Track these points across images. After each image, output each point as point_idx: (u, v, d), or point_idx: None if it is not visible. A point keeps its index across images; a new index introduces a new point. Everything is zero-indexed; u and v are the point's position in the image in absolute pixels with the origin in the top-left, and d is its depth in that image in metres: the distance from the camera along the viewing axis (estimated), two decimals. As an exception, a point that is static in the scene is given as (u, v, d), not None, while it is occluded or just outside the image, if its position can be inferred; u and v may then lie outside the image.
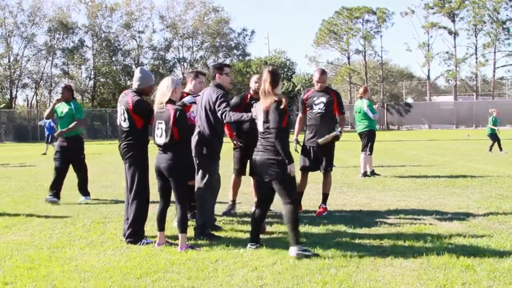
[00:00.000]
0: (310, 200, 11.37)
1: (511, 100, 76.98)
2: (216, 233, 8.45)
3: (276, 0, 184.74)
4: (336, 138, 9.85)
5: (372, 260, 6.80)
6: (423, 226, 8.72)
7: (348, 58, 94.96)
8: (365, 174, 15.84)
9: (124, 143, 8.12)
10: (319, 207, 10.14)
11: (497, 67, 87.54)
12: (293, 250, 7.04)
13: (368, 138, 16.29)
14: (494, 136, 25.81)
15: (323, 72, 10.29)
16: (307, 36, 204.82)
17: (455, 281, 5.96)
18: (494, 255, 6.96)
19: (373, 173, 16.08)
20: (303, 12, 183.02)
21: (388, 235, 8.23)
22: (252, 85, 10.11)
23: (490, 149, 25.45)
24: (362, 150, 16.25)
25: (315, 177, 12.33)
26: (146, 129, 8.09)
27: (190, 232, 8.11)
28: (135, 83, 8.20)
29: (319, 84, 10.12)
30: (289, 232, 7.18)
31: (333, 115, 10.27)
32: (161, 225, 7.79)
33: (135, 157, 8.02)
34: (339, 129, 10.04)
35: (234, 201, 10.59)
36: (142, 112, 7.90)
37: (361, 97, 16.52)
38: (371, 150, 16.25)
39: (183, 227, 7.49)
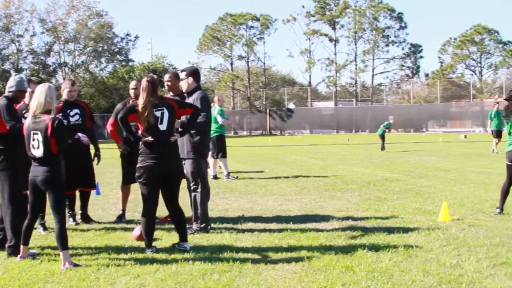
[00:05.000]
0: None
1: (389, 105, 79.58)
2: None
3: (161, 6, 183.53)
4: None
5: (254, 264, 6.85)
6: (305, 230, 8.86)
7: (231, 64, 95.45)
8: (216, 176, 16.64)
9: None
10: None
11: (376, 74, 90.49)
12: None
13: (218, 143, 16.78)
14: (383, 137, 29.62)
15: None
16: (191, 42, 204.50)
17: (335, 282, 6.09)
18: (372, 255, 7.19)
19: (215, 177, 16.78)
20: (187, 18, 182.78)
21: (271, 239, 8.32)
22: (131, 91, 10.01)
23: (382, 148, 29.30)
24: (214, 155, 16.79)
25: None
26: (11, 135, 7.78)
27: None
28: (6, 89, 8.04)
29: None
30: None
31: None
32: (26, 239, 7.39)
33: (2, 164, 7.76)
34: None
35: (124, 210, 10.39)
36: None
37: (214, 104, 17.03)
38: (223, 154, 16.86)
39: (63, 244, 7.00)
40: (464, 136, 48.87)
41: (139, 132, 7.74)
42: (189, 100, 8.81)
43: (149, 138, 7.56)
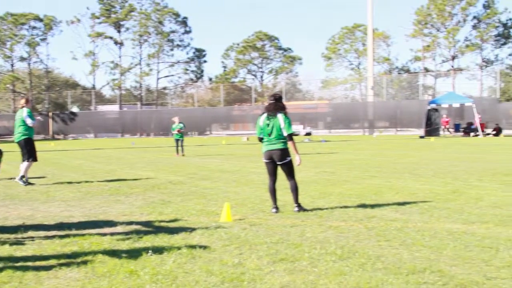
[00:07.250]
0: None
1: (173, 109, 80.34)
2: None
3: None
4: None
5: (36, 273, 6.63)
6: (88, 235, 8.71)
7: (12, 65, 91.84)
8: (27, 182, 15.94)
9: None
10: None
11: (161, 77, 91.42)
12: None
13: (27, 146, 16.21)
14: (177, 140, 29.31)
15: None
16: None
17: (119, 287, 6.06)
18: (156, 258, 7.22)
19: (29, 183, 16.19)
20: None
21: (53, 246, 8.09)
22: None
23: (177, 152, 28.96)
24: (24, 159, 16.20)
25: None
26: None
27: None
28: None
29: None
30: None
31: None
32: None
33: None
34: None
35: None
36: None
37: (22, 107, 16.38)
38: (34, 158, 16.24)
39: None
40: (246, 138, 50.59)
41: None
42: None
43: None
